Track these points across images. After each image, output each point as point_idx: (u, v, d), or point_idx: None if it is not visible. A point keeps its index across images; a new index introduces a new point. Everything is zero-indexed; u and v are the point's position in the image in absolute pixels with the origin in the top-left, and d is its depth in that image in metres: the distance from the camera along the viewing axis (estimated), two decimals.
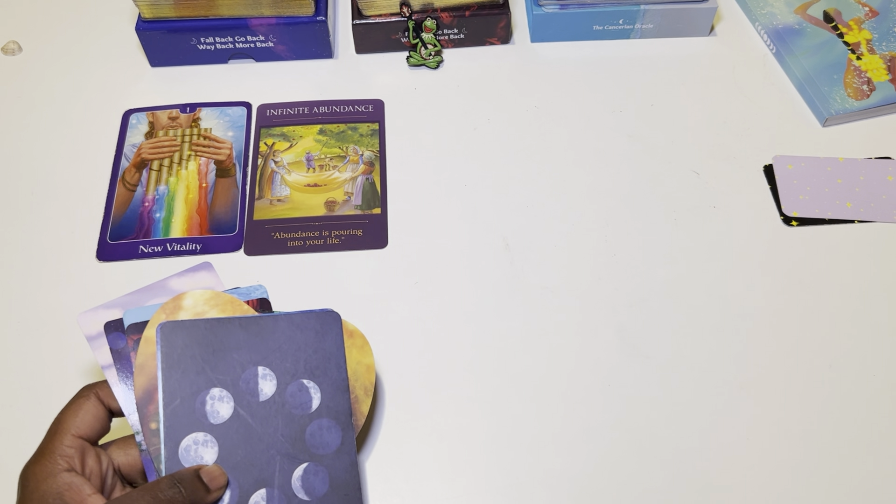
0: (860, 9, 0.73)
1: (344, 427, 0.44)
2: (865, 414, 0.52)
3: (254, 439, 0.42)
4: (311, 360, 0.44)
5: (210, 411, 0.42)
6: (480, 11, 0.70)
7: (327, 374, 0.44)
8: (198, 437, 0.41)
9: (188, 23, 0.68)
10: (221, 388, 0.42)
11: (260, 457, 0.42)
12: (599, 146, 0.66)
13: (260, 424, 0.42)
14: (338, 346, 0.45)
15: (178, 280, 0.47)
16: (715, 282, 0.58)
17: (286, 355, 0.44)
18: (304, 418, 0.43)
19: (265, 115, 0.67)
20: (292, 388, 0.43)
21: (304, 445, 0.43)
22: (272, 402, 0.43)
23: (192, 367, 0.42)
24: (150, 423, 0.41)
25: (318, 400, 0.44)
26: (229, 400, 0.42)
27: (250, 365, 0.43)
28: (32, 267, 0.59)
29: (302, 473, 0.43)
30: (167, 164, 0.64)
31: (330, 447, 0.43)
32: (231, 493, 0.41)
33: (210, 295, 0.44)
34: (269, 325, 0.44)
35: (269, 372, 0.43)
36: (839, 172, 0.64)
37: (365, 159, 0.64)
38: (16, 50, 0.74)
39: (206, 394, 0.42)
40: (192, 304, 0.44)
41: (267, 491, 0.42)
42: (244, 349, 0.43)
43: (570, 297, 0.58)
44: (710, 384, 0.54)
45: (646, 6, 0.71)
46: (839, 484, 0.50)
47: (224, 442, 0.42)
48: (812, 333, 0.56)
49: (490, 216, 0.62)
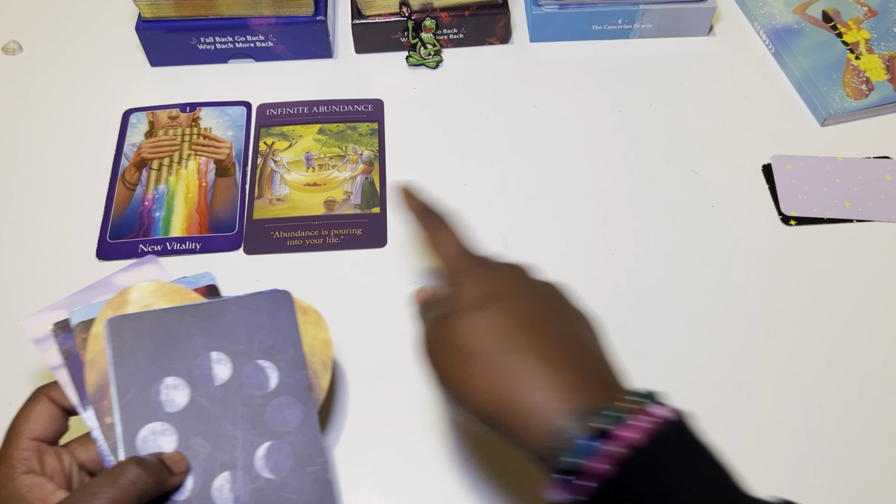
0: (859, 9, 0.74)
1: (304, 402, 0.44)
2: (864, 412, 0.53)
3: (213, 424, 0.42)
4: (264, 340, 0.44)
5: (165, 401, 0.42)
6: (480, 11, 0.71)
7: (282, 353, 0.44)
8: (155, 427, 0.41)
9: (188, 22, 0.69)
10: (175, 376, 0.42)
11: (220, 441, 0.42)
12: (598, 146, 0.66)
13: (218, 409, 0.42)
14: (291, 324, 0.45)
15: (124, 275, 0.47)
16: (713, 281, 0.58)
17: (239, 338, 0.44)
18: (262, 398, 0.43)
19: (265, 115, 0.67)
20: (248, 369, 0.43)
21: (265, 424, 0.43)
22: (229, 386, 0.43)
23: (143, 359, 0.42)
24: (106, 418, 0.41)
25: (275, 379, 0.44)
26: (185, 388, 0.42)
27: (203, 351, 0.43)
28: (32, 266, 0.59)
29: (265, 452, 0.42)
30: (167, 163, 0.64)
31: (291, 423, 0.43)
32: (194, 480, 0.41)
33: (156, 286, 0.44)
34: (219, 310, 0.44)
35: (223, 356, 0.43)
36: (838, 172, 0.64)
37: (364, 159, 0.65)
38: (16, 50, 0.74)
39: (161, 383, 0.42)
40: (139, 297, 0.44)
41: (230, 473, 0.42)
42: (196, 336, 0.43)
43: None
44: (709, 383, 0.54)
45: (645, 6, 0.71)
46: (839, 483, 0.50)
47: (182, 429, 0.42)
48: (810, 332, 0.56)
49: (489, 215, 0.62)
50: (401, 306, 0.57)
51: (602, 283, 0.58)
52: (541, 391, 0.35)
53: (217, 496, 0.41)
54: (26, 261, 0.60)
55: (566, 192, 0.63)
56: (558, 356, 0.36)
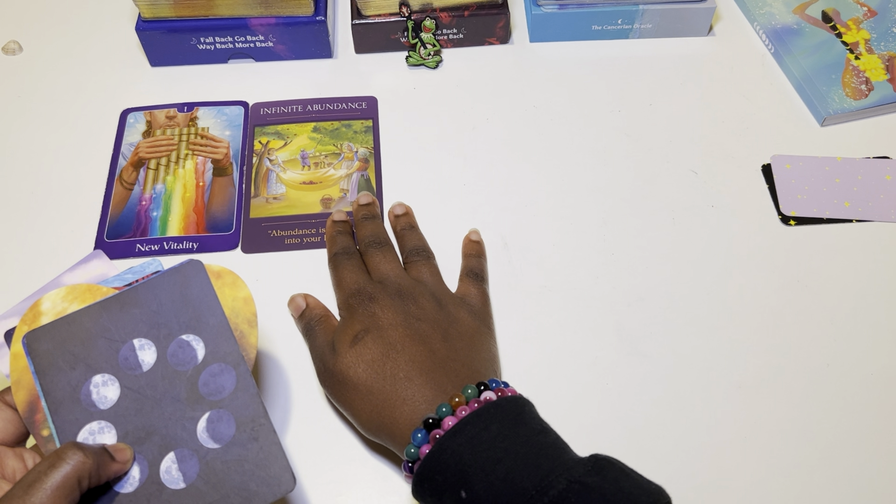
0: (859, 9, 0.73)
1: (235, 366, 0.43)
2: (863, 413, 0.52)
3: (148, 410, 0.42)
4: (182, 315, 0.44)
5: (97, 399, 0.42)
6: (479, 11, 0.71)
7: (203, 321, 0.44)
8: (92, 427, 0.41)
9: (188, 23, 0.69)
10: (102, 373, 0.42)
11: (159, 424, 0.42)
12: (598, 146, 0.66)
13: (151, 394, 0.42)
14: (205, 292, 0.44)
15: (71, 274, 0.47)
16: (713, 281, 0.58)
17: (157, 319, 0.43)
18: (193, 371, 0.43)
19: (259, 114, 0.67)
20: (172, 348, 0.43)
21: (201, 397, 0.43)
22: (156, 369, 0.43)
23: (65, 365, 0.42)
24: (42, 431, 0.41)
25: (202, 349, 0.43)
26: (113, 382, 0.42)
27: (124, 341, 0.43)
28: (30, 265, 0.59)
29: (206, 424, 0.42)
30: (164, 162, 0.64)
31: (226, 390, 0.43)
32: (140, 468, 0.41)
33: (66, 291, 0.44)
34: (130, 298, 0.43)
35: (146, 341, 0.43)
36: (837, 172, 0.64)
37: (359, 156, 0.65)
38: (16, 50, 0.74)
39: (88, 384, 0.42)
40: (51, 306, 0.43)
41: (175, 453, 0.41)
42: (112, 329, 0.43)
43: (569, 296, 0.58)
44: (708, 383, 0.54)
45: (644, 6, 0.71)
46: (838, 483, 0.50)
47: (120, 422, 0.41)
48: (810, 332, 0.56)
49: (488, 215, 0.62)
50: None
51: (602, 283, 0.58)
52: (402, 406, 0.45)
53: (167, 478, 0.41)
54: (24, 260, 0.60)
55: (566, 192, 0.63)
56: (417, 373, 0.46)
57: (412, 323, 0.48)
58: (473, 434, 0.41)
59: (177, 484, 0.41)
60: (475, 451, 0.40)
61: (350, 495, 0.49)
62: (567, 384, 0.54)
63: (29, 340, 0.42)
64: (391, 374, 0.46)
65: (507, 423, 0.42)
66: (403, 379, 0.46)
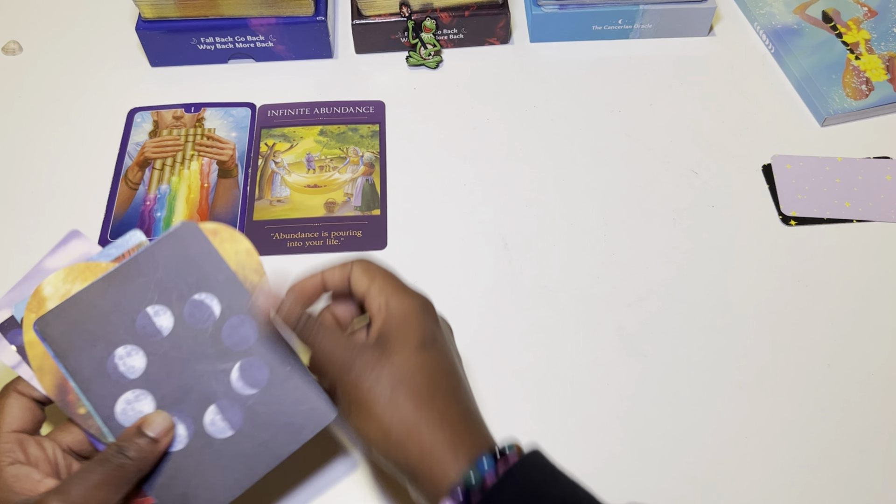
0: (859, 9, 0.74)
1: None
2: (864, 413, 0.53)
3: (179, 371, 0.43)
4: (188, 275, 0.44)
5: (125, 370, 0.42)
6: (480, 11, 0.71)
7: (212, 279, 0.44)
8: (128, 397, 0.42)
9: (188, 23, 0.69)
10: (123, 345, 0.43)
11: (193, 382, 0.43)
12: (598, 146, 0.66)
13: (178, 356, 0.43)
14: (206, 249, 0.45)
15: (53, 258, 0.46)
16: (713, 281, 0.59)
17: (164, 284, 0.44)
18: (213, 327, 0.44)
19: (266, 116, 0.68)
20: (188, 308, 0.44)
21: (227, 349, 0.43)
22: (177, 332, 0.43)
23: (84, 344, 0.42)
24: (78, 410, 0.42)
25: (217, 305, 0.44)
26: (137, 351, 0.43)
27: (137, 311, 0.43)
28: (32, 265, 0.59)
29: (239, 374, 0.43)
30: (170, 163, 0.64)
31: (250, 338, 0.44)
32: (185, 426, 0.42)
33: (65, 272, 0.44)
34: (133, 269, 0.44)
35: (159, 307, 0.43)
36: (838, 172, 0.64)
37: (365, 160, 0.65)
38: (16, 50, 0.74)
39: (113, 357, 0.42)
40: (53, 290, 0.43)
41: (216, 405, 0.43)
42: (123, 302, 0.43)
43: (569, 296, 0.58)
44: (709, 383, 0.54)
45: (645, 6, 0.71)
46: (838, 483, 0.50)
47: (154, 388, 0.42)
48: (810, 332, 0.56)
49: (489, 216, 0.62)
50: None
51: (602, 283, 0.58)
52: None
53: (213, 430, 0.42)
54: (28, 260, 0.60)
55: (566, 192, 0.64)
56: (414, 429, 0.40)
57: (402, 385, 0.42)
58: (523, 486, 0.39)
59: (224, 432, 0.42)
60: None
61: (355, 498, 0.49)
62: (567, 384, 0.54)
63: (41, 327, 0.42)
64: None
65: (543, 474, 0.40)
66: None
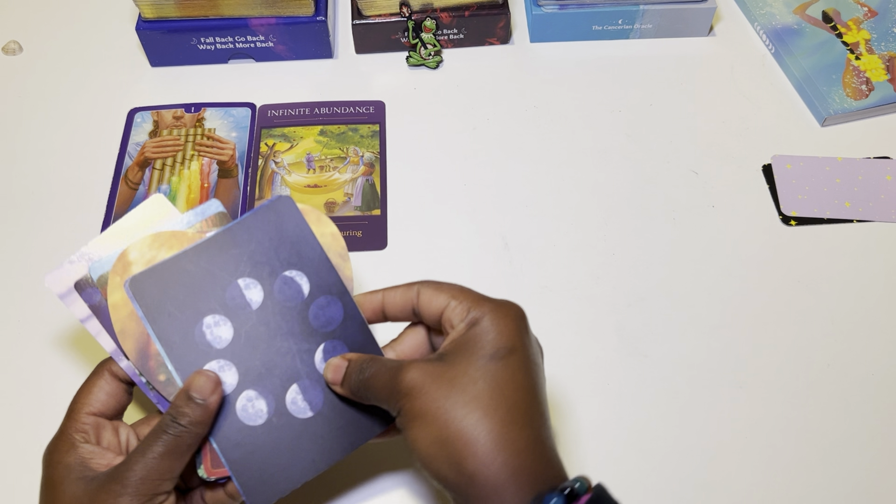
0: (859, 9, 0.74)
1: (341, 296, 0.44)
2: (864, 413, 0.53)
3: (264, 346, 0.43)
4: (281, 251, 0.44)
5: (212, 339, 0.42)
6: (480, 11, 0.71)
7: (304, 257, 0.44)
8: (213, 367, 0.42)
9: (188, 23, 0.69)
10: (213, 314, 0.42)
11: (278, 359, 0.43)
12: (598, 146, 0.66)
13: (264, 330, 0.43)
14: (301, 227, 0.45)
15: (130, 218, 0.45)
16: (714, 281, 0.59)
17: (257, 257, 0.44)
18: (301, 306, 0.43)
19: (266, 116, 0.67)
20: (278, 284, 0.43)
21: (313, 330, 0.43)
22: (266, 306, 0.43)
23: (175, 308, 0.42)
24: (158, 377, 0.42)
25: (306, 284, 0.44)
26: (225, 322, 0.42)
27: (229, 281, 0.43)
28: (34, 265, 0.59)
29: (322, 355, 0.43)
30: (170, 163, 0.64)
31: (336, 320, 0.44)
32: (266, 402, 0.42)
33: (151, 239, 0.43)
34: (227, 239, 0.43)
35: (251, 280, 0.43)
36: (838, 172, 0.64)
37: (365, 160, 0.65)
38: (16, 50, 0.74)
39: (201, 325, 0.42)
40: (139, 255, 0.43)
41: (298, 384, 0.43)
42: (215, 270, 0.43)
43: (569, 296, 0.58)
44: (709, 383, 0.54)
45: (645, 6, 0.71)
46: (838, 483, 0.50)
47: (238, 360, 0.42)
48: (810, 332, 0.56)
49: (489, 216, 0.62)
50: None
51: (602, 284, 0.58)
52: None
53: (294, 409, 0.42)
54: (28, 260, 0.60)
55: (566, 192, 0.64)
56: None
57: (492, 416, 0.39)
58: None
59: (304, 413, 0.42)
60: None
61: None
62: (568, 384, 0.54)
63: (133, 286, 0.42)
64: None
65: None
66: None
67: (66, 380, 0.54)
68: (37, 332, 0.56)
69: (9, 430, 0.52)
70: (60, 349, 0.55)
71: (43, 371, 0.54)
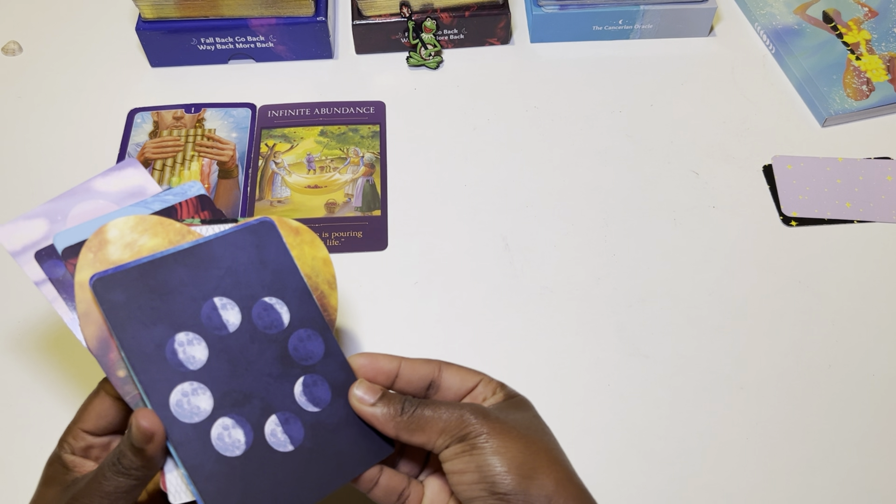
0: (859, 9, 0.74)
1: (322, 331, 0.43)
2: (864, 414, 0.53)
3: (241, 373, 0.40)
4: (262, 276, 0.42)
5: (185, 359, 0.39)
6: (480, 12, 0.71)
7: (285, 285, 0.42)
8: (185, 389, 0.39)
9: (188, 23, 0.69)
10: (186, 331, 0.39)
11: (257, 387, 0.40)
12: (599, 146, 0.66)
13: (241, 355, 0.40)
14: (283, 253, 0.43)
15: (103, 180, 0.43)
16: (714, 282, 0.59)
17: (237, 279, 0.41)
18: (280, 335, 0.41)
19: (266, 117, 0.67)
20: (257, 309, 0.41)
21: (293, 361, 0.41)
22: (243, 331, 0.41)
23: (145, 319, 0.39)
24: (118, 372, 0.39)
25: (286, 314, 0.42)
26: (199, 341, 0.40)
27: (204, 299, 0.40)
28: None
29: (301, 388, 0.41)
30: (170, 163, 0.64)
31: (316, 355, 0.42)
32: (244, 431, 0.39)
33: (135, 221, 0.40)
34: (206, 253, 0.41)
35: (228, 300, 0.41)
36: (838, 172, 0.64)
37: (365, 161, 0.65)
38: (16, 50, 0.74)
39: (173, 342, 0.39)
40: (119, 234, 0.40)
41: (277, 415, 0.40)
42: (191, 285, 0.40)
43: (570, 296, 0.58)
44: (710, 384, 0.54)
45: (645, 6, 0.71)
46: (838, 483, 0.50)
47: (213, 384, 0.39)
48: (811, 333, 0.56)
49: (489, 216, 0.62)
50: (401, 309, 0.57)
51: (603, 284, 0.58)
52: None
53: (273, 441, 0.40)
54: None
55: (567, 192, 0.64)
56: None
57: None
58: None
59: (284, 447, 0.40)
60: None
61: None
62: (568, 385, 0.54)
63: (99, 289, 0.38)
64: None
65: None
66: None
67: (61, 385, 0.54)
68: (36, 334, 0.56)
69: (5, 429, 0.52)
70: (60, 349, 0.55)
71: (39, 375, 0.54)
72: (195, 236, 0.42)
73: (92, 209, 0.42)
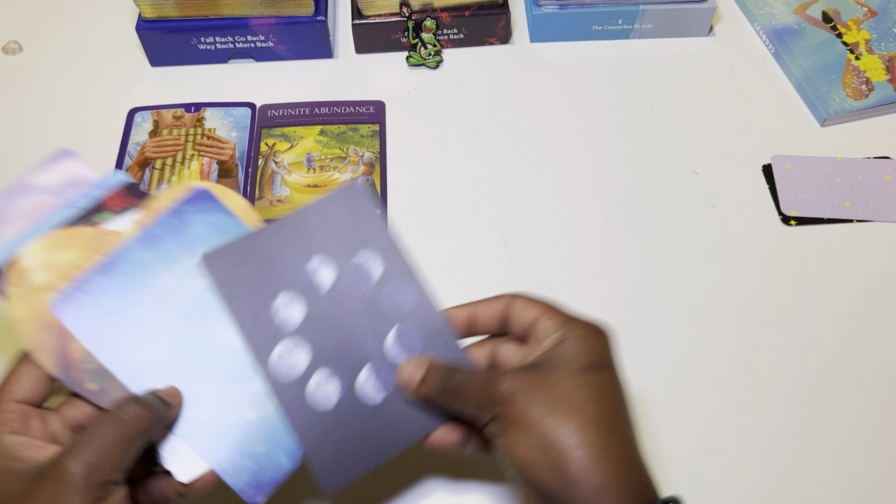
0: (859, 9, 0.74)
1: (412, 281, 0.44)
2: (864, 413, 0.53)
3: (336, 328, 0.42)
4: (354, 234, 0.44)
5: (285, 318, 0.42)
6: (480, 11, 0.71)
7: (375, 241, 0.44)
8: (286, 346, 0.42)
9: (188, 23, 0.69)
10: (285, 292, 0.42)
11: (349, 341, 0.42)
12: (598, 146, 0.66)
13: (336, 312, 0.43)
14: (371, 210, 0.45)
15: (40, 175, 0.42)
16: (714, 281, 0.59)
17: (329, 240, 0.44)
18: (373, 289, 0.43)
19: (266, 116, 0.67)
20: (349, 268, 0.43)
21: (385, 313, 0.43)
22: (337, 288, 0.43)
23: (249, 284, 0.42)
24: (86, 385, 0.39)
25: (377, 269, 0.44)
26: (297, 301, 0.42)
27: (301, 262, 0.43)
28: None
29: (395, 338, 0.43)
30: (170, 163, 0.64)
31: (408, 305, 0.44)
32: (337, 385, 0.42)
33: (45, 243, 0.39)
34: (300, 220, 0.44)
35: (322, 262, 0.43)
36: (838, 172, 0.64)
37: (365, 160, 0.65)
38: (16, 50, 0.74)
39: (273, 303, 0.42)
40: (35, 260, 0.39)
41: (370, 365, 0.42)
42: (289, 250, 0.43)
43: (569, 296, 0.58)
44: (709, 383, 0.54)
45: (645, 6, 0.71)
46: (838, 483, 0.50)
47: (311, 340, 0.42)
48: (811, 332, 0.56)
49: (489, 216, 0.62)
50: None
51: (602, 283, 0.58)
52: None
53: (363, 394, 0.42)
54: None
55: (566, 192, 0.64)
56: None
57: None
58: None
59: (374, 399, 0.42)
60: None
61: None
62: None
63: (209, 261, 0.42)
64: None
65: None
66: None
67: None
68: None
69: None
70: None
71: None
72: (110, 235, 0.43)
73: (35, 206, 0.42)
